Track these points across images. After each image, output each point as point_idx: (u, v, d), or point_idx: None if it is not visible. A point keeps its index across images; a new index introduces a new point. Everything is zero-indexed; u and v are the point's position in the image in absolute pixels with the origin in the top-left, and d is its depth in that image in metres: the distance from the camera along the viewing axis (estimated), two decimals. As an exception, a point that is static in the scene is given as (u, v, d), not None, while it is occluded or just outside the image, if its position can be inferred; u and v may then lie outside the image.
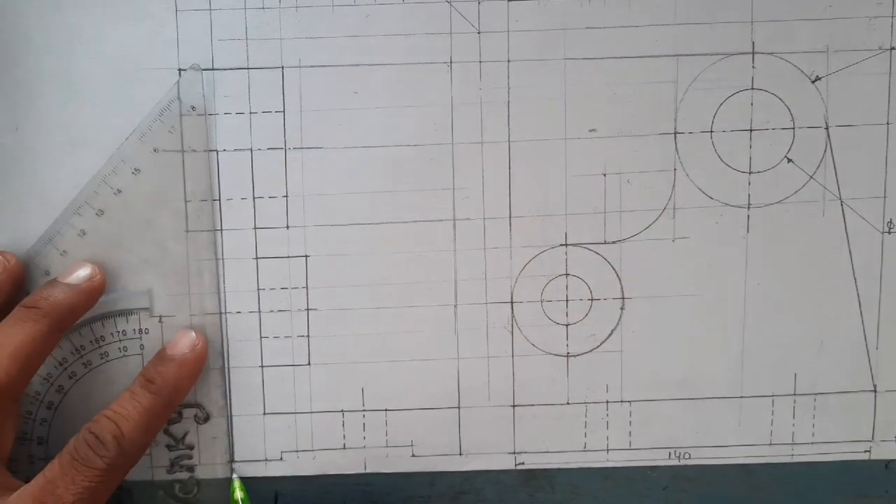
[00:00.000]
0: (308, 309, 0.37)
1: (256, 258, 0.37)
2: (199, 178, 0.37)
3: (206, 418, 0.38)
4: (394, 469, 0.38)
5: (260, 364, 0.38)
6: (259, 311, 0.37)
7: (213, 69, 0.36)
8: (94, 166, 0.36)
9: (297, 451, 0.38)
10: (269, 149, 0.37)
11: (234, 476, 0.37)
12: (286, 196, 0.37)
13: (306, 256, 0.37)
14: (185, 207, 0.37)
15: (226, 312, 0.37)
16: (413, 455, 0.38)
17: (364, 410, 0.38)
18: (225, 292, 0.37)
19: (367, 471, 0.38)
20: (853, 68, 0.37)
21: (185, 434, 0.38)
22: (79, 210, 0.36)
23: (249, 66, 0.37)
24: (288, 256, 0.37)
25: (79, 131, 0.36)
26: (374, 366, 0.38)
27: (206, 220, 0.37)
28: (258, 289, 0.37)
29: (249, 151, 0.37)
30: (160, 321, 0.37)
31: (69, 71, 0.36)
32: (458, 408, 0.38)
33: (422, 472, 0.38)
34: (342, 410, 0.38)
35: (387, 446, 0.38)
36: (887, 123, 0.37)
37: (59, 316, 0.35)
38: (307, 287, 0.37)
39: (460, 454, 0.38)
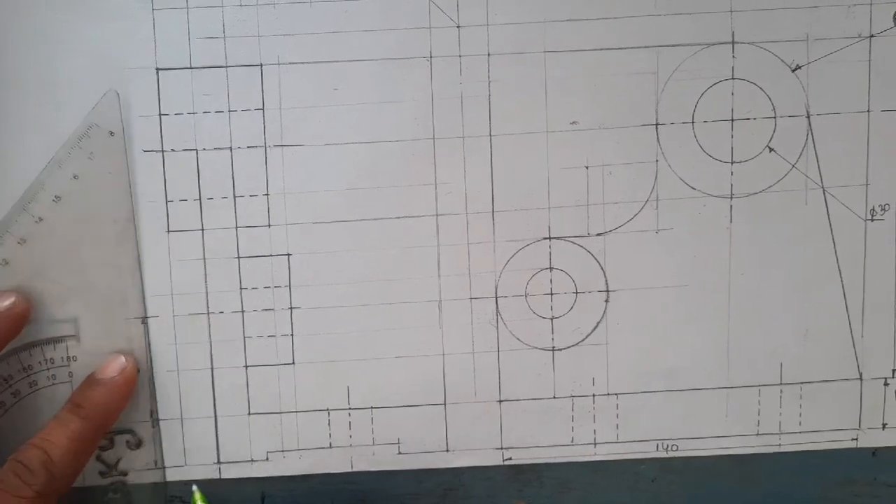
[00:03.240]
0: (291, 308, 0.37)
1: (238, 257, 0.37)
2: (119, 203, 0.36)
3: (139, 444, 0.37)
4: (381, 467, 0.38)
5: (244, 364, 0.37)
6: (242, 311, 0.37)
7: (191, 68, 0.36)
8: (73, 168, 0.36)
9: (283, 451, 0.38)
10: (248, 147, 0.37)
11: (194, 488, 0.37)
12: (267, 194, 0.37)
13: (288, 255, 0.37)
14: (109, 232, 0.36)
15: (209, 313, 0.37)
16: (400, 453, 0.38)
17: (350, 409, 0.38)
18: (208, 292, 0.37)
19: (354, 469, 0.38)
20: (833, 56, 0.37)
21: (119, 461, 0.37)
22: (1, 239, 0.36)
23: (228, 65, 0.36)
24: (270, 255, 0.37)
25: (56, 132, 0.36)
26: (359, 364, 0.37)
27: (129, 245, 0.36)
28: (241, 288, 0.37)
29: (229, 150, 0.37)
30: (87, 348, 0.37)
31: (46, 72, 0.36)
32: (444, 404, 0.38)
33: (409, 470, 0.38)
34: (328, 409, 0.38)
35: (373, 444, 0.38)
36: (868, 111, 0.37)
37: None
38: (290, 286, 0.37)
39: (447, 451, 0.38)
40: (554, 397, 0.38)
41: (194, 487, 0.37)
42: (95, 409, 0.35)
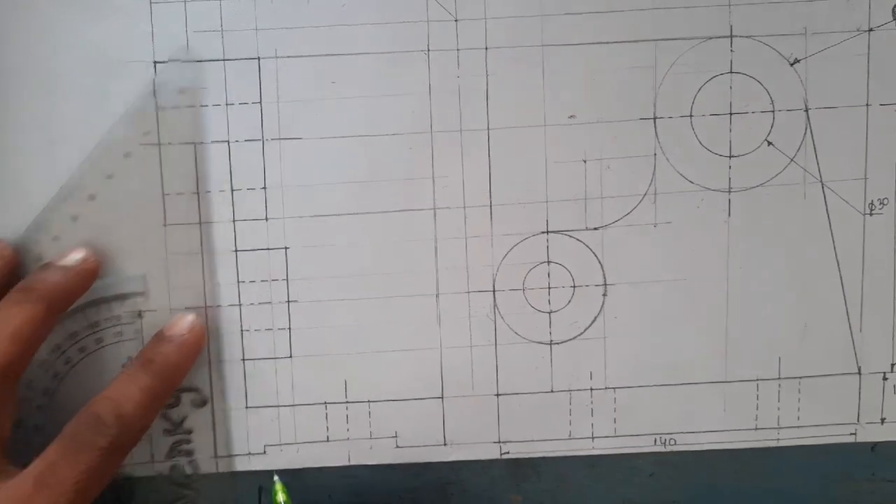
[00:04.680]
0: (289, 301, 0.37)
1: (236, 251, 0.37)
2: (189, 158, 0.36)
3: (204, 402, 0.37)
4: (378, 461, 0.38)
5: (241, 357, 0.37)
6: (239, 304, 0.37)
7: (188, 61, 0.36)
8: (72, 162, 0.36)
9: (280, 445, 0.38)
10: (246, 140, 0.37)
11: (276, 479, 0.37)
12: (265, 188, 0.37)
13: (286, 248, 0.37)
14: (179, 187, 0.36)
15: (206, 306, 0.37)
16: (397, 446, 0.38)
17: (347, 402, 0.38)
18: (205, 286, 0.37)
19: (352, 463, 0.38)
20: (832, 50, 0.37)
21: (184, 419, 0.37)
22: (70, 195, 0.36)
23: (225, 58, 0.36)
24: (268, 248, 0.37)
25: (55, 127, 0.36)
26: (356, 357, 0.37)
27: (198, 201, 0.36)
28: (238, 282, 0.37)
29: (227, 143, 0.37)
30: (155, 305, 0.37)
31: (44, 67, 0.36)
32: (442, 398, 0.38)
33: (406, 464, 0.38)
34: (325, 403, 0.38)
35: (371, 438, 0.38)
36: (867, 105, 0.37)
37: (55, 298, 0.34)
38: (287, 279, 0.37)
39: (445, 444, 0.38)
40: (551, 391, 0.38)
41: (276, 478, 0.37)
42: (166, 365, 0.35)
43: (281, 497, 0.37)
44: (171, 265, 0.37)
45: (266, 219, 0.37)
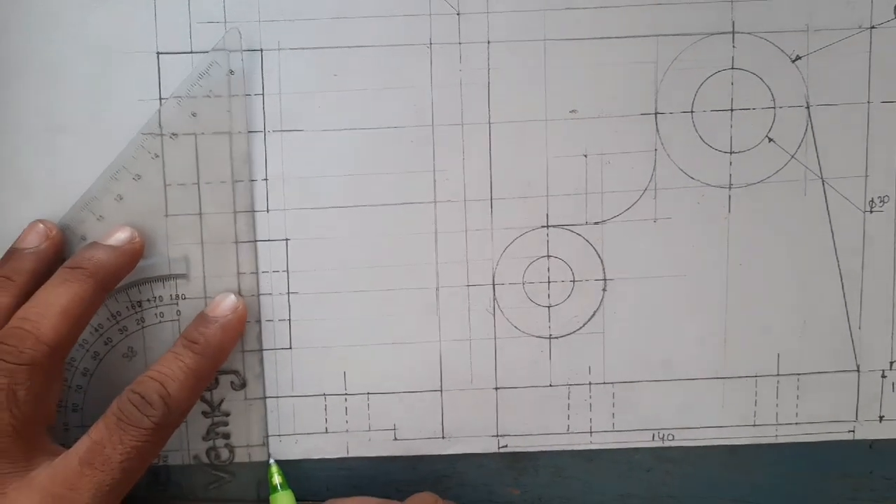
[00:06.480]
0: (289, 293, 0.37)
1: (236, 242, 0.37)
2: (236, 143, 0.36)
3: (243, 385, 0.37)
4: (376, 453, 0.38)
5: (241, 349, 0.37)
6: (240, 296, 0.37)
7: (191, 52, 0.36)
8: (73, 151, 0.36)
9: (279, 436, 0.38)
10: (248, 132, 0.37)
11: (272, 461, 0.37)
12: (266, 179, 0.37)
13: (287, 240, 0.37)
14: (225, 172, 0.36)
15: (206, 297, 0.37)
16: (396, 439, 0.38)
17: (346, 394, 0.38)
18: (205, 277, 0.37)
19: (350, 455, 0.38)
20: (833, 47, 0.37)
21: (222, 401, 0.38)
22: (116, 175, 0.36)
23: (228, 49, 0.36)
24: (268, 240, 0.37)
25: (57, 117, 0.36)
26: (355, 349, 0.38)
27: (244, 186, 0.36)
28: (238, 273, 0.37)
29: (228, 135, 0.37)
30: (196, 288, 0.37)
31: (46, 56, 0.36)
32: (441, 391, 0.38)
33: (405, 456, 0.38)
34: (324, 394, 0.38)
35: (369, 430, 0.38)
36: (868, 102, 0.37)
37: (104, 276, 0.34)
38: (288, 271, 0.37)
39: (443, 437, 0.38)
40: (550, 385, 0.38)
41: (271, 460, 0.37)
42: (209, 345, 0.35)
43: (277, 479, 0.37)
44: (214, 248, 0.37)
45: (267, 210, 0.37)
